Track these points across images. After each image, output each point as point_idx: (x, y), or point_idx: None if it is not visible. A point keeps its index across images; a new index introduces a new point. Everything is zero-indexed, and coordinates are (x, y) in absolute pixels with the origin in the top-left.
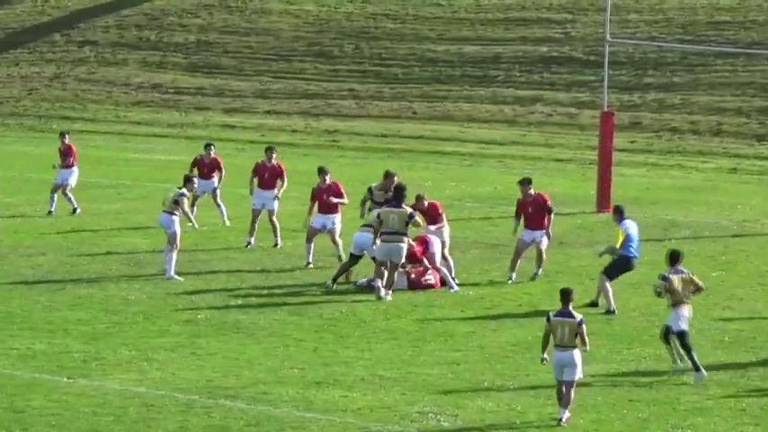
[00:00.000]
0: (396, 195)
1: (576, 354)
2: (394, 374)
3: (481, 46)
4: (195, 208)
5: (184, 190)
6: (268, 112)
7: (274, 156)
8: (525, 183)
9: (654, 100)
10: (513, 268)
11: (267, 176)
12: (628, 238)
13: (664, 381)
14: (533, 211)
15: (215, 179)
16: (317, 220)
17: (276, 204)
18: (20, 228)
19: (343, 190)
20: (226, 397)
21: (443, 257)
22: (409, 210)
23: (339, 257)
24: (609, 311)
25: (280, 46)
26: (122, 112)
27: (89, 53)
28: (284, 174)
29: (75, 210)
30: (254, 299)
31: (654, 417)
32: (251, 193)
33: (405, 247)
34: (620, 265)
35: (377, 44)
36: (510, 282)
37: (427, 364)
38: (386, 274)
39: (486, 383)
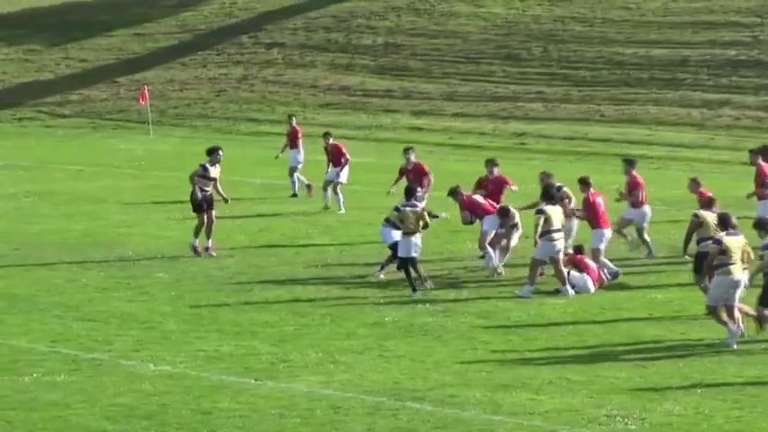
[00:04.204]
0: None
1: None
2: (581, 377)
3: (669, 49)
4: None
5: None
6: (456, 115)
7: (412, 156)
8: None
9: None
10: None
11: (413, 177)
12: None
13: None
14: None
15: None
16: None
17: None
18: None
19: (427, 168)
20: (413, 399)
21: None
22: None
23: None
24: None
25: (468, 48)
26: (310, 113)
27: (276, 55)
28: (428, 172)
29: (294, 194)
30: (440, 302)
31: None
32: (388, 192)
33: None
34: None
35: (565, 47)
36: None
37: (615, 366)
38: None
39: (673, 386)
